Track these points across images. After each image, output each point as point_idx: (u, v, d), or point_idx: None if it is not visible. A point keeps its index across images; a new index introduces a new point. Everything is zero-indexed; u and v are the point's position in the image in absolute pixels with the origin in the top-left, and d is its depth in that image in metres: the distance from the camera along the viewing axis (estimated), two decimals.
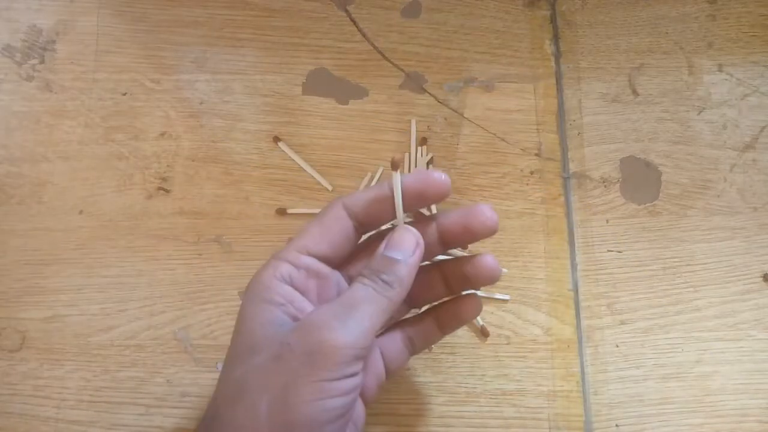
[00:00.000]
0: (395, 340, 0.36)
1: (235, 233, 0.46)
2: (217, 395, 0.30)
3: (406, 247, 0.32)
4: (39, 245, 0.46)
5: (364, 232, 0.34)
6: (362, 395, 0.34)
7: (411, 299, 0.36)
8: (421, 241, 0.32)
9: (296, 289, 0.32)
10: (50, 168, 0.47)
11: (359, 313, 0.29)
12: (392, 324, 0.37)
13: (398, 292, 0.31)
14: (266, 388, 0.28)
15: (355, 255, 0.35)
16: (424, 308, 0.38)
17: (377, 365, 0.35)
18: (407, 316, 0.38)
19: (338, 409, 0.28)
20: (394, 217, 0.33)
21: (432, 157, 0.49)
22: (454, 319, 0.37)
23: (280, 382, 0.28)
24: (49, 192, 0.47)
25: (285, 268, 0.32)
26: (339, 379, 0.28)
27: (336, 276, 0.34)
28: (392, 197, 0.33)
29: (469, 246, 0.47)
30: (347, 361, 0.28)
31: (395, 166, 0.32)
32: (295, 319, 0.30)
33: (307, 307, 0.32)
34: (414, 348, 0.37)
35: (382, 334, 0.37)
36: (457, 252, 0.43)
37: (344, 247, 0.33)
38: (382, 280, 0.31)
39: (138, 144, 0.48)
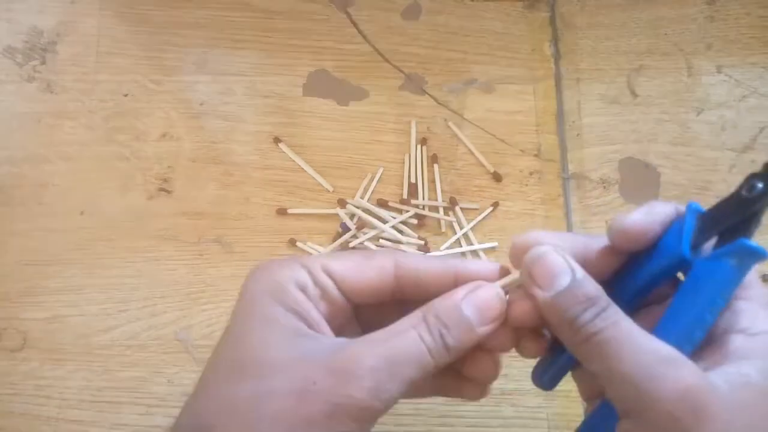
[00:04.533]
0: None
1: (235, 234, 0.47)
2: (206, 407, 0.26)
3: (489, 313, 0.27)
4: (40, 246, 0.46)
5: (399, 306, 0.29)
6: None
7: None
8: (503, 314, 0.27)
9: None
10: (51, 169, 0.48)
11: (401, 374, 0.25)
12: None
13: (448, 360, 0.27)
14: (278, 426, 0.25)
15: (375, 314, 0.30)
16: None
17: None
18: None
19: None
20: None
21: (435, 155, 0.49)
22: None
23: (297, 422, 0.24)
24: (50, 193, 0.47)
25: (303, 276, 0.28)
26: None
27: (349, 307, 0.29)
28: (449, 280, 0.28)
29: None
30: (369, 421, 0.25)
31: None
32: (311, 328, 0.27)
33: (321, 322, 0.28)
34: None
35: None
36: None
37: (369, 294, 0.29)
38: (443, 340, 0.26)
39: (139, 145, 0.48)
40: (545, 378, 0.30)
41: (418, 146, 0.49)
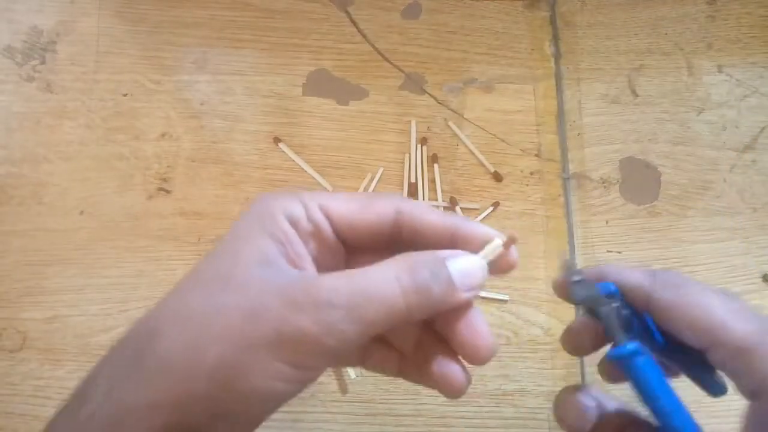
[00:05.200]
0: None
1: None
2: (160, 313, 0.25)
3: (470, 280, 0.26)
4: (40, 246, 0.46)
5: (389, 247, 0.28)
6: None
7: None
8: (482, 285, 0.27)
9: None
10: (51, 169, 0.47)
11: (363, 314, 0.23)
12: None
13: (426, 309, 0.25)
14: (222, 341, 0.23)
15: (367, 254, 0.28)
16: None
17: None
18: None
19: (287, 395, 0.25)
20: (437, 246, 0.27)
21: (435, 154, 0.49)
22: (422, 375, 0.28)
23: (240, 342, 0.23)
24: (49, 192, 0.47)
25: (297, 210, 0.26)
26: (302, 368, 0.24)
27: (342, 251, 0.28)
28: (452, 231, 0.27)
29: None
30: (318, 357, 0.24)
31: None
32: (291, 262, 0.26)
33: (305, 257, 0.26)
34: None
35: None
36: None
37: (365, 238, 0.27)
38: (424, 283, 0.24)
39: (138, 145, 0.48)
40: None
41: (418, 146, 0.49)
